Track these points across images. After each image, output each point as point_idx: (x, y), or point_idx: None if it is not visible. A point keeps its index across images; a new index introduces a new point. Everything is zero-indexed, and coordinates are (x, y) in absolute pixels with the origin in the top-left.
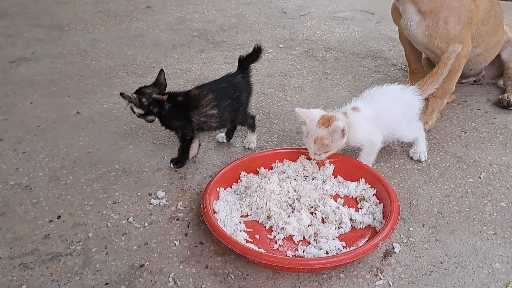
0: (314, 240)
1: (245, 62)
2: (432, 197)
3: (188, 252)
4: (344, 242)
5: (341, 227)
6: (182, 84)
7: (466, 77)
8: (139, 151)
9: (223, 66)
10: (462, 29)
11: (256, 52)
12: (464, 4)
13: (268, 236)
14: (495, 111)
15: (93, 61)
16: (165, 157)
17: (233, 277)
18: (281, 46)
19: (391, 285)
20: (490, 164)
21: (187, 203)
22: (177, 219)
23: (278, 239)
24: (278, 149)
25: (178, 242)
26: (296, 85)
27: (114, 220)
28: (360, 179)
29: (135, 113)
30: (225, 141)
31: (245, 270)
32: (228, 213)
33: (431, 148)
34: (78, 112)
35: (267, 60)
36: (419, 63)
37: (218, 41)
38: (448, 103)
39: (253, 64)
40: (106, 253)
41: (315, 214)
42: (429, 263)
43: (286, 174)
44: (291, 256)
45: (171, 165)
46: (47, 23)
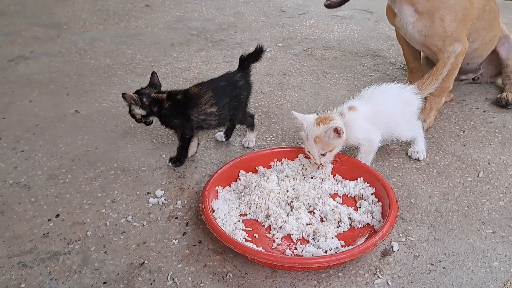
0: (313, 239)
1: (246, 61)
2: (430, 196)
3: (187, 251)
4: (343, 241)
5: (339, 226)
6: (181, 83)
7: (465, 73)
8: (137, 150)
9: (221, 65)
10: (458, 26)
11: (258, 52)
12: (459, 1)
13: (267, 235)
14: (493, 110)
15: (91, 59)
16: (164, 156)
17: (231, 276)
18: (280, 45)
19: (390, 283)
20: (489, 163)
21: (185, 202)
22: (175, 218)
23: (277, 238)
24: (277, 148)
25: (177, 240)
26: (295, 84)
27: (112, 219)
28: (359, 178)
29: (135, 116)
30: (224, 140)
31: (244, 269)
32: (227, 212)
33: (430, 147)
34: (76, 110)
35: (266, 59)
36: (417, 62)
37: (217, 40)
38: (446, 102)
39: (253, 63)
40: (105, 252)
41: (314, 213)
42: (427, 262)
43: (285, 173)
44: (290, 255)
45: (170, 164)
46: (45, 22)
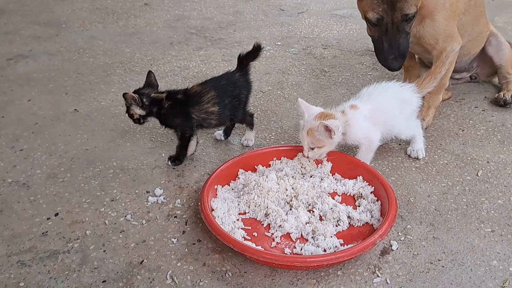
0: (312, 237)
1: (244, 60)
2: (429, 194)
3: (186, 250)
4: (342, 240)
5: (338, 224)
6: (180, 82)
7: (457, 72)
8: (136, 149)
9: (221, 64)
10: (449, 22)
11: (256, 50)
12: None
13: (266, 233)
14: (492, 109)
15: (90, 58)
16: (163, 154)
17: (230, 275)
18: (279, 43)
19: (389, 282)
20: (488, 162)
21: (185, 201)
22: (175, 217)
23: (276, 237)
24: (276, 147)
25: (176, 239)
26: (294, 83)
27: (111, 217)
28: (358, 177)
29: (132, 116)
30: (223, 138)
31: (243, 268)
32: (226, 211)
33: (429, 146)
34: (75, 109)
35: (265, 58)
36: (412, 60)
37: (216, 39)
38: (444, 100)
39: (252, 62)
40: (104, 251)
41: (313, 211)
42: (426, 261)
43: (284, 172)
44: (289, 253)
45: (169, 163)
46: (44, 20)
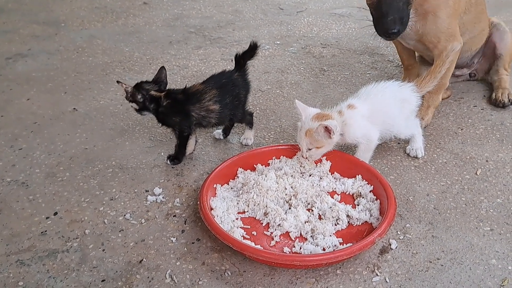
0: (311, 236)
1: (241, 59)
2: (428, 193)
3: (185, 249)
4: (341, 239)
5: (338, 223)
6: (179, 81)
7: (458, 67)
8: (135, 148)
9: (220, 63)
10: (451, 21)
11: (252, 49)
12: None
13: (265, 232)
14: (491, 108)
15: (89, 57)
16: (162, 153)
17: (230, 274)
18: (278, 42)
19: (388, 281)
20: (487, 161)
21: (184, 200)
22: (174, 216)
23: (275, 236)
24: (275, 146)
25: (175, 238)
26: (293, 82)
27: (110, 216)
28: (357, 176)
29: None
30: (222, 137)
31: (242, 267)
32: (225, 210)
33: (428, 145)
34: (74, 108)
35: (264, 57)
36: (412, 59)
37: (215, 38)
38: (444, 99)
39: (249, 61)
40: (103, 250)
41: (312, 210)
42: (425, 259)
43: (283, 171)
44: (288, 252)
45: (168, 162)
46: (43, 20)
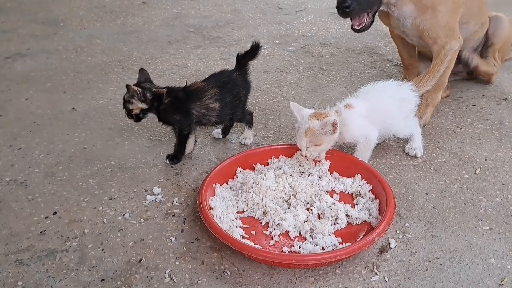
0: (310, 236)
1: (243, 59)
2: (427, 192)
3: (184, 248)
4: (340, 238)
5: (337, 223)
6: (178, 80)
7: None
8: (135, 147)
9: (219, 62)
10: (452, 15)
11: (254, 49)
12: None
13: (264, 232)
14: (490, 107)
15: (88, 57)
16: (161, 153)
17: (229, 273)
18: (277, 42)
19: (387, 280)
20: (486, 160)
21: (183, 199)
22: (173, 215)
23: (274, 235)
24: (274, 145)
25: (174, 238)
26: (292, 81)
27: (110, 216)
28: (356, 175)
29: (131, 112)
30: (221, 137)
31: (241, 266)
32: (224, 209)
33: (427, 144)
34: (73, 108)
35: (263, 56)
36: (412, 59)
37: (214, 37)
38: (443, 98)
39: (251, 61)
40: (102, 249)
41: (311, 210)
42: (424, 259)
43: (282, 170)
44: (287, 252)
45: (167, 161)
46: (42, 19)
